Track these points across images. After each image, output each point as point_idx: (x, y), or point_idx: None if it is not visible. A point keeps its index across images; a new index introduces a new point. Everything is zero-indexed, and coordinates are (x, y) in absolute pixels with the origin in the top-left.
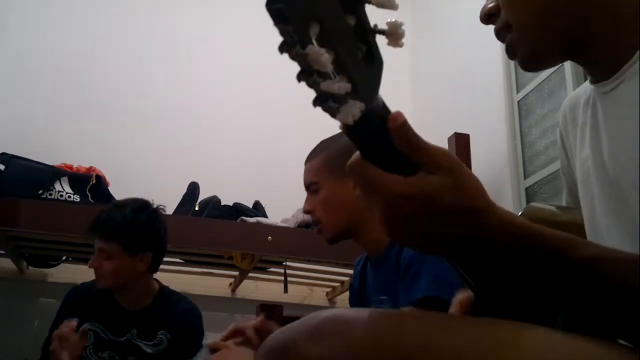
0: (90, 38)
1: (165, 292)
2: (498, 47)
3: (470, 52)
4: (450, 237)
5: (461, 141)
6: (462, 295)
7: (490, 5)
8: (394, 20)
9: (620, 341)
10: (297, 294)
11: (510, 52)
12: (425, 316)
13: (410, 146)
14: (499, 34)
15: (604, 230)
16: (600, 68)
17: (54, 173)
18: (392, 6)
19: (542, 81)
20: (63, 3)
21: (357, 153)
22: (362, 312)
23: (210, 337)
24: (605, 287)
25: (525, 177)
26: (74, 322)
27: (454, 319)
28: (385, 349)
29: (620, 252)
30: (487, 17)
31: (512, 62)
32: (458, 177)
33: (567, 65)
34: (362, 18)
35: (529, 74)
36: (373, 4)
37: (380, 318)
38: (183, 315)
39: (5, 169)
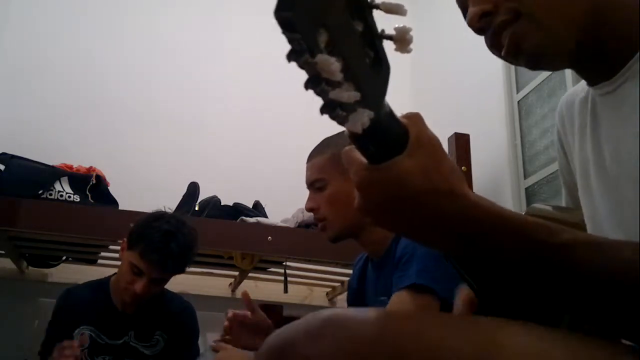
0: (90, 38)
1: (159, 292)
2: None
3: (471, 52)
4: (427, 221)
5: (461, 141)
6: (464, 294)
7: (483, 4)
8: (401, 25)
9: (625, 342)
10: (297, 294)
11: (514, 45)
12: (425, 317)
13: None
14: (500, 31)
15: (606, 230)
16: (601, 69)
17: (54, 173)
18: (401, 12)
19: (542, 81)
20: (63, 3)
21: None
22: (363, 312)
23: (210, 337)
24: (578, 272)
25: (525, 177)
26: (75, 341)
27: (454, 319)
28: (385, 349)
29: (596, 237)
30: (481, 16)
31: None
32: (431, 160)
33: None
34: (370, 24)
35: (529, 74)
36: (381, 9)
37: (380, 318)
38: (178, 313)
39: (5, 169)
